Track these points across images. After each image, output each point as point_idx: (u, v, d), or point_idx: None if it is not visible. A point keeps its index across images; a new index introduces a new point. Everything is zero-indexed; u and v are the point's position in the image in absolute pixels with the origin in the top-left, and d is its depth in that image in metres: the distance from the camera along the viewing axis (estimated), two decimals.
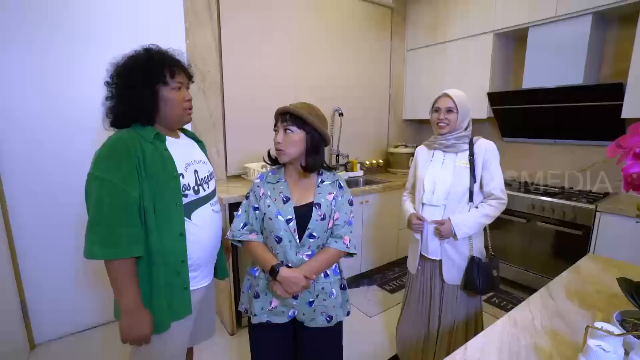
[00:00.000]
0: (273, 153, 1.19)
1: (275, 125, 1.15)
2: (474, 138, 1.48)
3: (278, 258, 1.11)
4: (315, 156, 1.12)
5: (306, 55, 2.73)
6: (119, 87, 0.99)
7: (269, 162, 1.21)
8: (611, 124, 2.19)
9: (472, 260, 1.45)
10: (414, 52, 3.37)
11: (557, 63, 2.34)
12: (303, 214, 1.10)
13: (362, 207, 2.60)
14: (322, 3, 2.76)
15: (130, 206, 0.92)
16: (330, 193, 1.14)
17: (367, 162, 3.26)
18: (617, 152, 0.71)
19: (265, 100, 2.53)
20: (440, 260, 1.51)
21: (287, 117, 1.11)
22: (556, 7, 2.26)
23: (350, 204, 1.18)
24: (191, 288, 1.07)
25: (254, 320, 1.15)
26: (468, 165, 1.43)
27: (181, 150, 1.07)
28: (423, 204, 1.52)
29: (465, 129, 1.47)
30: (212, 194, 1.15)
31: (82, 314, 2.07)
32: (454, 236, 1.42)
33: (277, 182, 1.16)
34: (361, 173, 3.16)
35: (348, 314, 1.23)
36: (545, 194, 2.38)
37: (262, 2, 2.44)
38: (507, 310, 1.66)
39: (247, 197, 1.19)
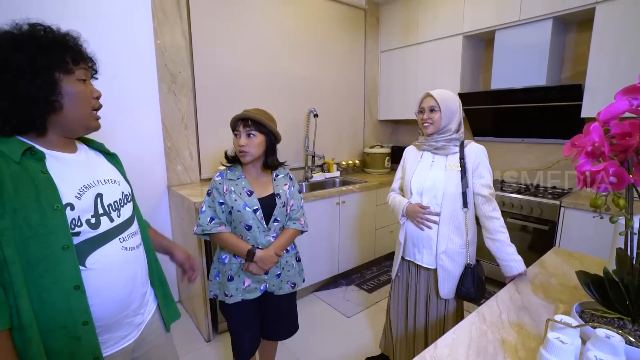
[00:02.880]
0: (230, 153, 1.37)
1: (236, 129, 1.29)
2: (465, 141, 1.43)
3: (249, 243, 1.29)
4: (273, 155, 1.34)
5: (280, 55, 2.71)
6: None
7: (226, 162, 1.38)
8: (572, 124, 2.31)
9: (468, 269, 1.39)
10: (387, 53, 3.42)
11: (522, 65, 2.44)
12: (267, 204, 1.31)
13: (339, 207, 2.60)
14: (296, 3, 2.75)
15: None
16: (285, 184, 1.38)
17: (344, 163, 3.28)
18: (572, 151, 0.75)
19: (239, 101, 2.49)
20: (434, 270, 1.43)
21: (249, 122, 1.27)
22: (520, 12, 2.36)
23: (300, 192, 1.44)
24: (104, 354, 0.80)
25: (230, 301, 1.31)
26: (459, 169, 1.38)
27: (75, 169, 0.79)
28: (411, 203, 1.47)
29: (457, 131, 1.42)
30: (126, 225, 0.86)
31: None
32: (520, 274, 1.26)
33: (238, 178, 1.32)
34: (338, 174, 3.17)
35: (303, 280, 1.49)
36: (514, 191, 2.48)
37: (233, 1, 2.40)
38: (480, 305, 1.70)
39: (208, 193, 1.32)
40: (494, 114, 2.75)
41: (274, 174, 1.39)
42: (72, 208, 0.73)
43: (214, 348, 1.96)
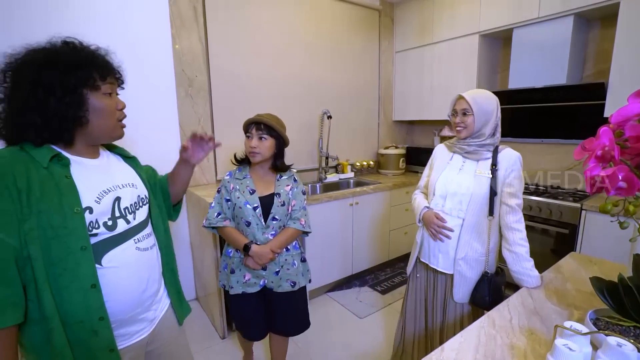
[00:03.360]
0: (239, 156, 1.48)
1: (248, 132, 1.38)
2: (500, 147, 1.34)
3: (248, 238, 1.38)
4: (282, 158, 1.43)
5: (293, 58, 2.74)
6: (25, 89, 0.73)
7: (235, 162, 1.49)
8: (595, 123, 2.22)
9: (485, 277, 1.33)
10: (402, 53, 3.39)
11: (542, 63, 2.37)
12: (267, 202, 1.38)
13: (353, 208, 2.61)
14: (310, 6, 2.77)
15: (2, 259, 0.69)
16: (288, 185, 1.44)
17: (358, 164, 3.28)
18: (583, 154, 0.73)
19: (253, 103, 2.54)
20: (451, 275, 1.39)
21: (261, 126, 1.35)
22: (539, 9, 2.30)
23: (304, 193, 1.48)
24: (119, 347, 0.84)
25: (232, 292, 1.42)
26: (489, 176, 1.30)
27: (96, 175, 0.84)
28: (430, 209, 1.44)
29: (492, 135, 1.33)
30: (141, 226, 0.91)
31: None
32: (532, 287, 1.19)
33: (244, 178, 1.42)
34: (352, 175, 3.17)
35: (310, 281, 1.54)
36: (533, 193, 2.41)
37: (249, 6, 2.44)
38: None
39: (218, 191, 1.44)
40: (512, 114, 2.69)
41: (278, 175, 1.45)
42: (91, 211, 0.78)
43: (228, 345, 2.01)
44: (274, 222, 1.39)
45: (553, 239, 2.25)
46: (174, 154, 2.42)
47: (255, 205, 1.36)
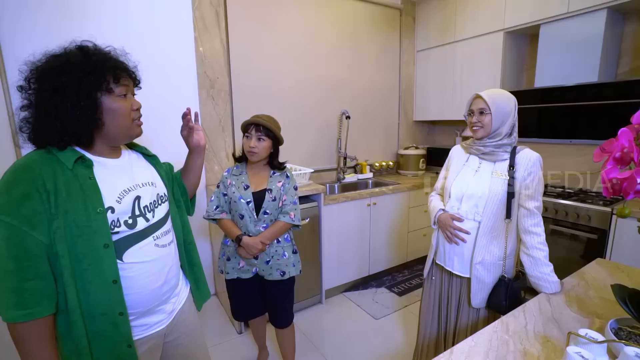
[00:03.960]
0: (237, 154, 1.60)
1: (247, 132, 1.48)
2: (518, 147, 1.30)
3: (242, 230, 1.49)
4: (277, 157, 1.54)
5: (312, 59, 2.77)
6: (44, 96, 0.77)
7: (235, 159, 1.61)
8: (629, 123, 2.09)
9: (502, 281, 1.29)
10: (424, 52, 3.33)
11: (571, 61, 2.26)
12: (259, 197, 1.49)
13: (370, 209, 2.60)
14: (330, 7, 2.78)
15: (36, 255, 0.74)
16: (280, 181, 1.53)
17: (377, 164, 3.26)
18: (603, 156, 0.70)
19: (272, 103, 2.59)
20: (467, 279, 1.37)
21: (260, 128, 1.46)
22: (568, 3, 2.19)
23: (295, 189, 1.57)
24: (134, 338, 0.88)
25: (228, 277, 1.56)
26: (507, 178, 1.27)
27: (117, 175, 0.89)
28: (445, 212, 1.42)
29: (509, 135, 1.30)
30: (160, 224, 0.95)
31: None
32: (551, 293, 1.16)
33: (240, 174, 1.54)
34: (370, 175, 3.16)
35: (300, 272, 1.63)
36: (560, 196, 2.31)
37: (269, 8, 2.49)
38: None
39: (217, 186, 1.57)
40: (538, 114, 2.58)
41: (272, 172, 1.55)
42: (113, 211, 0.83)
43: (245, 339, 2.06)
44: (266, 215, 1.49)
45: (581, 244, 2.14)
46: None
47: (249, 200, 1.47)
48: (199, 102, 2.32)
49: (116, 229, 0.84)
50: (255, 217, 1.48)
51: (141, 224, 0.89)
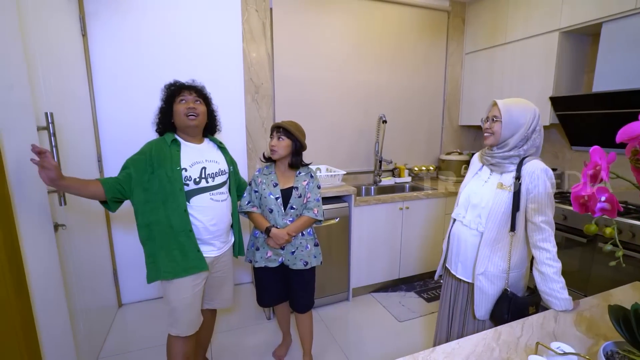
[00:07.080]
0: (266, 155, 1.74)
1: (272, 134, 1.68)
2: (526, 159, 1.25)
3: (270, 222, 1.67)
4: (297, 157, 1.69)
5: (355, 64, 2.85)
6: (160, 106, 1.49)
7: (263, 160, 1.77)
8: None
9: (505, 294, 1.28)
10: (472, 55, 3.21)
11: (638, 62, 2.04)
12: (287, 194, 1.67)
13: (402, 212, 2.61)
14: (373, 14, 2.84)
15: (128, 174, 1.37)
16: (305, 181, 1.70)
17: (416, 168, 3.22)
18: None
19: (312, 108, 2.73)
20: (472, 285, 1.36)
21: (280, 130, 1.65)
22: None
23: (318, 187, 1.74)
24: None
25: (257, 265, 1.74)
26: (511, 190, 1.24)
27: (193, 152, 1.47)
28: (454, 219, 1.44)
29: (519, 147, 1.26)
30: (216, 187, 1.50)
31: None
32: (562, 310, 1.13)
33: (270, 173, 1.72)
34: (409, 179, 3.15)
35: (321, 263, 1.79)
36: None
37: (312, 18, 2.64)
38: None
39: (249, 184, 1.76)
40: (598, 121, 2.36)
41: (298, 172, 1.72)
42: (186, 170, 1.42)
43: (272, 326, 2.24)
44: (292, 210, 1.66)
45: (633, 265, 1.93)
46: (240, 152, 2.75)
47: (277, 196, 1.65)
48: (245, 106, 2.55)
49: (187, 182, 1.42)
50: (283, 211, 1.65)
51: (203, 183, 1.46)
